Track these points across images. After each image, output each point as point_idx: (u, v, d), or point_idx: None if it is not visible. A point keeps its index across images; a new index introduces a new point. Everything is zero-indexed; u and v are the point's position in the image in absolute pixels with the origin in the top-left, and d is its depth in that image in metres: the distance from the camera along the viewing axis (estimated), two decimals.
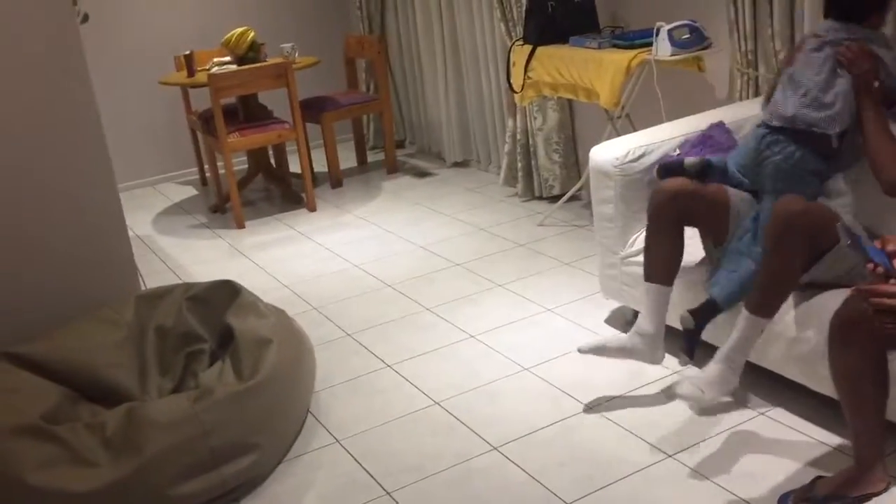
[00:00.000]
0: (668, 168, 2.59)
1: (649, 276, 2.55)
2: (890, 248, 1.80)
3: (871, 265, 1.76)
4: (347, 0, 5.97)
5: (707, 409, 2.53)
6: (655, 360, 2.59)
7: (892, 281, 1.75)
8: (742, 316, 2.30)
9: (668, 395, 2.63)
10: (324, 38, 5.91)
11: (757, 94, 3.25)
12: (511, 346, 3.07)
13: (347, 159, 5.78)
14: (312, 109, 5.20)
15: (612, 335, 2.64)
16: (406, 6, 5.53)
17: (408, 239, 4.26)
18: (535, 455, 2.42)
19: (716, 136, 2.90)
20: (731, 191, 2.58)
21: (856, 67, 2.40)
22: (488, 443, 2.51)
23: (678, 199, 2.51)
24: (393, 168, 5.47)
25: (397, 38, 5.76)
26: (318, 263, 4.07)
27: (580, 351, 2.60)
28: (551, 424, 2.56)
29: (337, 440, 2.60)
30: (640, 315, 2.61)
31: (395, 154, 5.53)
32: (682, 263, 2.58)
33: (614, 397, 2.66)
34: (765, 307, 2.27)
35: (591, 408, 2.62)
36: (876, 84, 2.37)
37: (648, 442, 2.42)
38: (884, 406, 2.00)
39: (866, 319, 1.82)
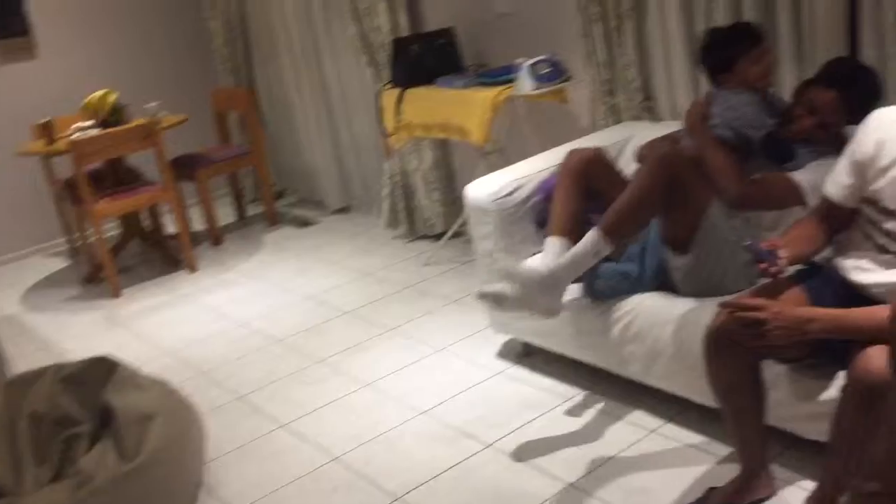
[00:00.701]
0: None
1: (550, 230, 2.57)
2: (782, 254, 1.89)
3: (763, 265, 1.85)
4: (212, 54, 5.88)
5: (603, 434, 2.57)
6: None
7: (778, 270, 1.85)
8: (590, 233, 2.34)
9: (557, 416, 2.65)
10: (190, 94, 5.77)
11: (618, 121, 3.37)
12: (407, 390, 3.04)
13: (227, 215, 5.65)
14: (185, 167, 5.06)
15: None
16: (274, 57, 5.49)
17: (294, 291, 4.19)
18: (439, 500, 2.40)
19: None
20: None
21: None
22: (390, 493, 2.46)
23: (590, 164, 2.60)
24: (274, 220, 5.38)
25: (267, 88, 5.71)
26: (203, 325, 3.94)
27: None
28: (453, 466, 2.54)
29: None
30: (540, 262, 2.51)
31: (275, 205, 5.46)
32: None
33: (512, 431, 2.66)
34: (613, 231, 2.32)
35: (490, 445, 2.62)
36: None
37: (549, 472, 2.43)
38: (762, 413, 2.08)
39: (736, 332, 1.89)
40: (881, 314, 1.80)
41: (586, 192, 2.61)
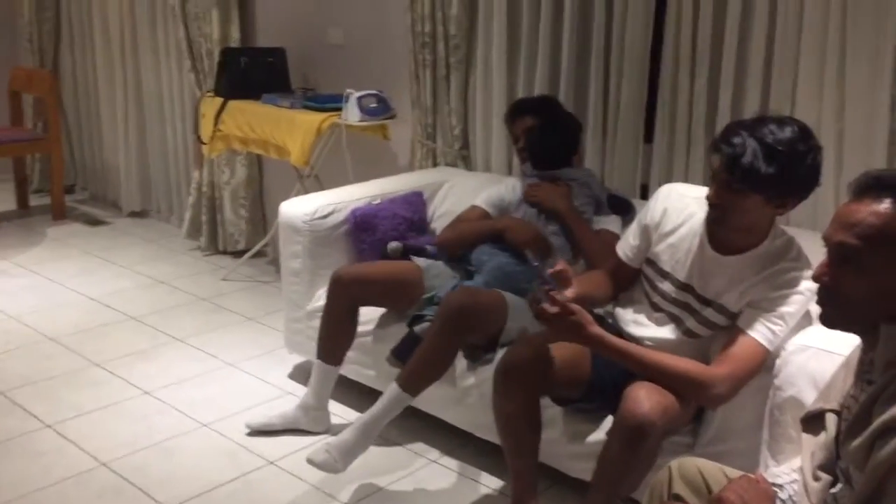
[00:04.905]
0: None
1: (320, 354, 2.68)
2: (558, 267, 2.03)
3: (537, 300, 1.96)
4: (16, 30, 5.47)
5: (384, 461, 2.62)
6: (320, 429, 2.72)
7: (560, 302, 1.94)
8: (391, 388, 2.39)
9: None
10: None
11: (435, 164, 3.52)
12: (189, 401, 2.94)
13: (5, 201, 5.22)
14: None
15: (277, 414, 2.75)
16: (84, 43, 5.20)
17: (76, 290, 3.93)
18: None
19: (413, 203, 3.13)
20: (424, 264, 2.74)
21: (548, 201, 2.66)
22: (160, 503, 2.37)
23: (352, 287, 2.64)
24: (60, 214, 5.03)
25: (73, 75, 5.38)
26: None
27: (248, 427, 2.72)
28: (231, 481, 2.49)
29: None
30: (307, 389, 2.73)
31: (64, 199, 5.11)
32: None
33: (297, 451, 2.65)
34: (414, 385, 2.38)
35: (272, 462, 2.59)
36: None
37: (327, 493, 2.44)
38: (537, 447, 2.22)
39: (525, 363, 2.04)
40: (655, 356, 1.99)
41: (354, 315, 2.65)
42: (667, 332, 2.13)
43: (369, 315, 2.76)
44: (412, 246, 2.90)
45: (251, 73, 3.82)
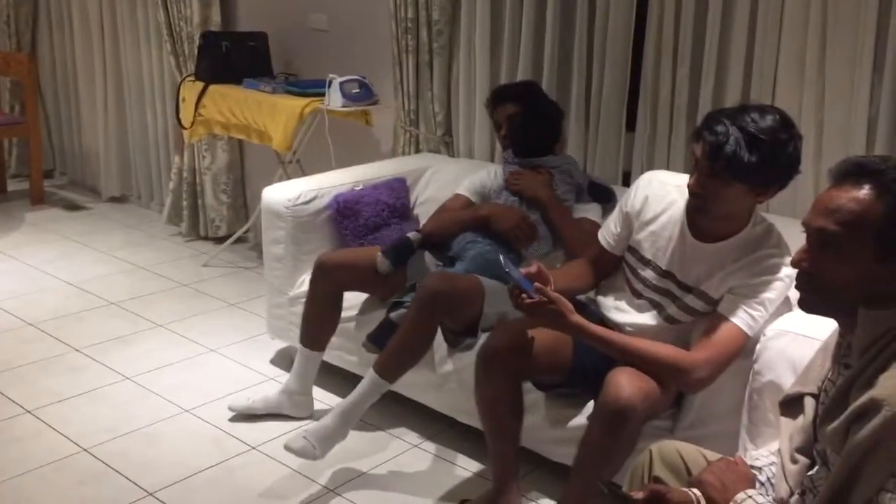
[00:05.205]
0: (399, 249, 2.68)
1: (303, 340, 2.68)
2: (532, 269, 2.02)
3: (517, 291, 1.97)
4: None
5: (366, 445, 2.63)
6: (303, 415, 2.72)
7: (532, 300, 1.95)
8: (368, 374, 2.39)
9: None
10: None
11: (418, 150, 3.52)
12: (171, 387, 2.93)
13: None
14: None
15: (260, 398, 2.73)
16: (63, 25, 5.13)
17: (54, 275, 3.90)
18: (194, 498, 2.34)
19: (396, 189, 3.10)
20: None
21: (529, 190, 2.66)
22: (143, 489, 2.36)
23: (336, 272, 2.65)
24: (38, 199, 4.98)
25: (51, 57, 5.31)
26: None
27: (230, 409, 2.71)
28: (213, 466, 2.49)
29: None
30: (290, 374, 2.72)
31: (42, 184, 5.05)
32: None
33: (279, 436, 2.65)
34: (391, 372, 2.37)
35: (254, 447, 2.59)
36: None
37: (311, 478, 2.45)
38: (518, 431, 2.24)
39: (506, 349, 2.05)
40: (636, 343, 2.01)
41: (337, 301, 2.67)
42: (648, 318, 2.14)
43: (352, 301, 2.77)
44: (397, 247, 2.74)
45: (232, 57, 3.79)
